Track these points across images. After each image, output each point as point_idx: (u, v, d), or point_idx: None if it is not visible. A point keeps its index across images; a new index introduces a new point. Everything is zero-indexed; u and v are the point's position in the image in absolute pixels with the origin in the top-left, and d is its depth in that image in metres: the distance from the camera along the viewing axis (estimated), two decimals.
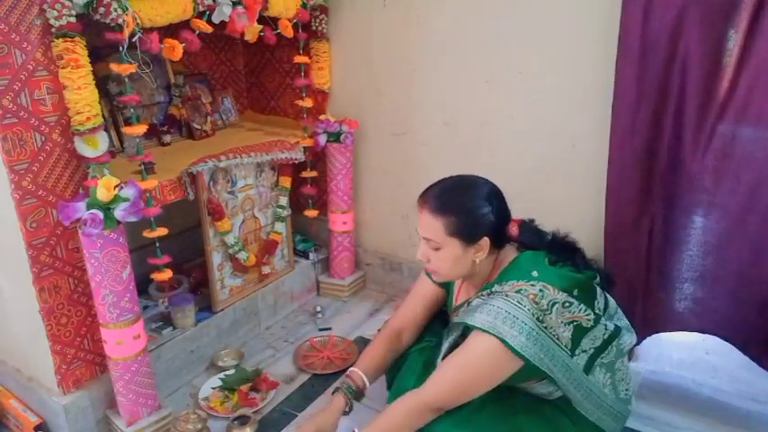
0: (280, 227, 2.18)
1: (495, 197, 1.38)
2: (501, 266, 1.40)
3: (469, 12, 1.91)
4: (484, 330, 1.26)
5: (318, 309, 2.29)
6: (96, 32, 1.43)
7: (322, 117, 2.21)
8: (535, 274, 1.31)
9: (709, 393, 1.77)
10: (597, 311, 1.34)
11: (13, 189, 1.38)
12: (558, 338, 1.27)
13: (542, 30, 1.80)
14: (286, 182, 2.17)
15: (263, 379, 1.83)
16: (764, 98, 1.43)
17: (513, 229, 1.40)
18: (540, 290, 1.27)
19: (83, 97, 1.38)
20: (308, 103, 2.22)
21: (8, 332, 1.68)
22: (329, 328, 2.20)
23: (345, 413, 1.50)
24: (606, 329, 1.36)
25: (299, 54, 2.15)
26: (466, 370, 1.29)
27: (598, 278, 1.40)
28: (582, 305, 1.30)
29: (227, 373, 1.87)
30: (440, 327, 1.62)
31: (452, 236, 1.33)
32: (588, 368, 1.33)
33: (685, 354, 1.93)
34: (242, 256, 2.01)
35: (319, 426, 1.46)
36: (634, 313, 1.77)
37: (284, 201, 2.18)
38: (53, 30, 1.33)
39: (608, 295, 1.46)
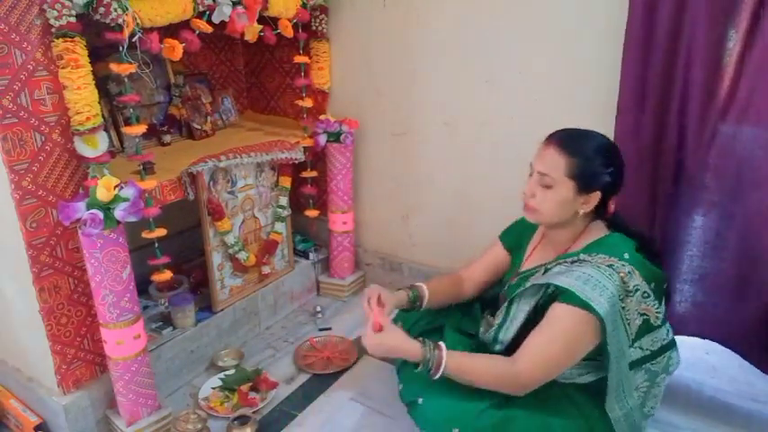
0: (280, 227, 2.18)
1: (620, 165, 1.39)
2: (587, 238, 1.41)
3: (469, 12, 1.92)
4: (571, 295, 1.27)
5: (318, 309, 2.29)
6: (96, 32, 1.43)
7: (322, 117, 2.21)
8: (627, 256, 1.32)
9: (709, 393, 1.77)
10: (662, 311, 1.36)
11: (13, 189, 1.38)
12: (628, 324, 1.30)
13: (542, 30, 1.80)
14: (286, 182, 2.17)
15: (263, 379, 1.83)
16: (765, 98, 1.43)
17: (611, 207, 1.42)
18: (630, 272, 1.29)
19: (83, 97, 1.38)
20: (308, 103, 2.22)
21: (8, 332, 1.68)
22: (329, 328, 2.20)
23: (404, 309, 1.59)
24: (668, 335, 1.38)
25: (299, 54, 2.15)
26: (554, 341, 1.30)
27: (665, 284, 1.42)
28: (656, 301, 1.33)
29: (227, 373, 1.87)
30: (456, 312, 1.67)
31: (571, 178, 1.34)
32: (634, 365, 1.35)
33: (685, 354, 1.92)
34: (242, 256, 2.01)
35: (382, 292, 1.52)
36: None
37: (284, 201, 2.18)
38: (53, 30, 1.33)
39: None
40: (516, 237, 1.63)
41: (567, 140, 1.36)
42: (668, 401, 1.73)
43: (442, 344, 1.37)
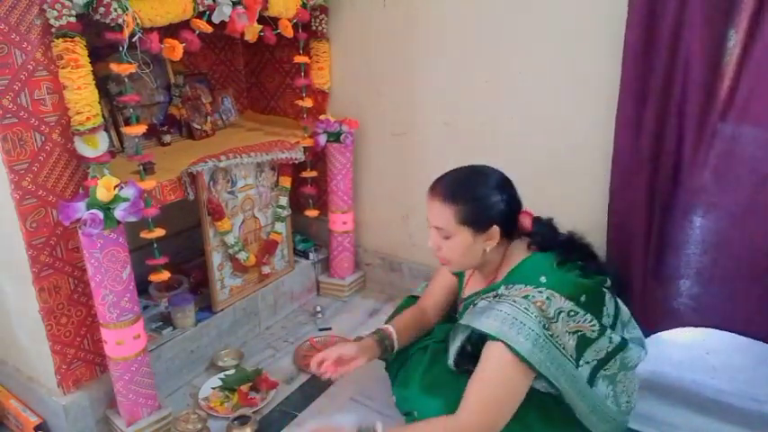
0: (280, 227, 2.18)
1: (506, 186, 1.39)
2: (509, 264, 1.39)
3: (469, 11, 1.92)
4: (493, 338, 1.25)
5: (318, 309, 2.29)
6: (96, 32, 1.43)
7: (322, 117, 2.21)
8: (543, 279, 1.30)
9: (709, 393, 1.77)
10: (604, 322, 1.33)
11: (13, 189, 1.38)
12: (563, 347, 1.26)
13: (542, 30, 1.80)
14: (286, 182, 2.17)
15: (263, 379, 1.83)
16: (764, 98, 1.43)
17: (526, 221, 1.41)
18: (548, 297, 1.26)
19: (83, 97, 1.38)
20: (308, 103, 2.22)
21: (8, 332, 1.68)
22: (329, 328, 2.20)
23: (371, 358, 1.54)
24: (611, 342, 1.34)
25: (299, 54, 2.15)
26: (488, 385, 1.27)
27: (609, 282, 1.39)
28: (587, 315, 1.29)
29: (227, 373, 1.87)
30: (444, 326, 1.63)
31: (463, 224, 1.34)
32: (591, 380, 1.32)
33: (685, 354, 1.92)
34: (242, 256, 2.01)
35: (341, 352, 1.49)
36: (633, 312, 1.77)
37: (284, 201, 2.18)
38: (53, 30, 1.33)
39: (620, 303, 1.45)
40: None
41: (448, 189, 1.37)
42: (668, 401, 1.74)
43: (378, 425, 1.33)
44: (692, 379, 1.82)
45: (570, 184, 1.88)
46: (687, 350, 1.94)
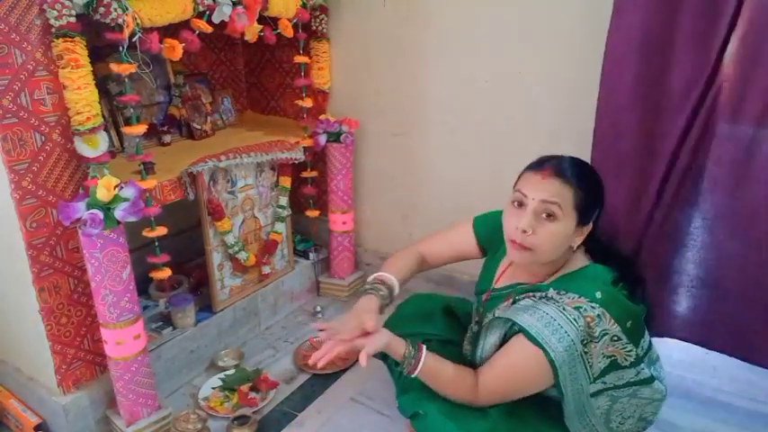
0: (280, 227, 2.18)
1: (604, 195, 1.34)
2: (567, 268, 1.33)
3: (470, 11, 1.92)
4: (530, 336, 1.21)
5: (318, 309, 2.29)
6: (96, 32, 1.43)
7: (322, 117, 2.21)
8: (599, 295, 1.23)
9: (709, 393, 1.77)
10: (639, 351, 1.29)
11: (13, 189, 1.38)
12: (590, 365, 1.23)
13: (543, 29, 1.80)
14: (286, 182, 2.17)
15: (263, 379, 1.83)
16: (762, 97, 1.43)
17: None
18: (599, 315, 1.21)
19: (83, 97, 1.38)
20: (307, 103, 2.22)
21: (8, 332, 1.68)
22: None
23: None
24: (638, 375, 1.30)
25: (299, 54, 2.15)
26: (512, 373, 1.26)
27: (645, 314, 1.36)
28: (629, 343, 1.25)
29: (227, 373, 1.88)
30: (443, 323, 1.63)
31: (576, 210, 1.25)
32: (596, 394, 1.29)
33: (685, 354, 1.93)
34: (242, 256, 2.01)
35: (360, 314, 1.35)
36: None
37: (284, 201, 2.18)
38: (53, 30, 1.33)
39: (652, 339, 1.42)
40: (491, 234, 1.50)
41: (574, 169, 1.26)
42: (668, 401, 1.73)
43: (423, 345, 1.33)
44: (692, 379, 1.82)
45: None
46: (687, 350, 1.94)
